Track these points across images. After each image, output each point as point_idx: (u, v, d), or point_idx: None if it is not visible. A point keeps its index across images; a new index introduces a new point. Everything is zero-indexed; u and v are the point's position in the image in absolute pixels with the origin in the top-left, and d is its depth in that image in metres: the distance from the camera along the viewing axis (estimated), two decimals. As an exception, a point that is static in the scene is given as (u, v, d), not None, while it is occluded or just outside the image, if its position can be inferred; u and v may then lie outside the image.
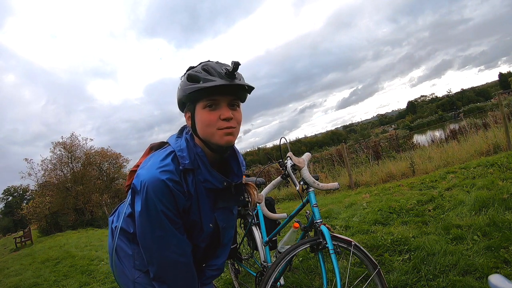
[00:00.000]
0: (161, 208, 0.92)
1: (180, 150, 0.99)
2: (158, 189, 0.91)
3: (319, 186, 1.43)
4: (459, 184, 3.69)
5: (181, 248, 0.99)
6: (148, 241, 0.96)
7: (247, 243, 2.23)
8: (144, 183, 0.92)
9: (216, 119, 0.95)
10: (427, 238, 2.36)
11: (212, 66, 0.96)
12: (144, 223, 0.94)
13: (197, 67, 0.99)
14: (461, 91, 68.32)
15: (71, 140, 20.01)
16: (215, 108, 0.95)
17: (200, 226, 1.05)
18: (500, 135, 6.00)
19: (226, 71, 0.93)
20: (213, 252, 1.17)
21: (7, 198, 46.58)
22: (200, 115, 0.96)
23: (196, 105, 0.97)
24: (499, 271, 1.70)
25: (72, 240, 9.47)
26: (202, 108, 0.95)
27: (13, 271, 6.13)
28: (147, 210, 0.92)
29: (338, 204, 4.66)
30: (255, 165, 20.10)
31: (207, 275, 1.17)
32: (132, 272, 1.06)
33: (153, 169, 0.94)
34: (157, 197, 0.91)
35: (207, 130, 0.96)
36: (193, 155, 0.99)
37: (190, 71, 0.99)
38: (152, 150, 1.14)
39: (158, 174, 0.92)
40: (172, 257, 0.97)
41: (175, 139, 1.05)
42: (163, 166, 0.95)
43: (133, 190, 0.99)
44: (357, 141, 25.96)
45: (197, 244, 1.08)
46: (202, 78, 0.93)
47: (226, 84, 0.91)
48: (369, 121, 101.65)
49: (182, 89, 0.98)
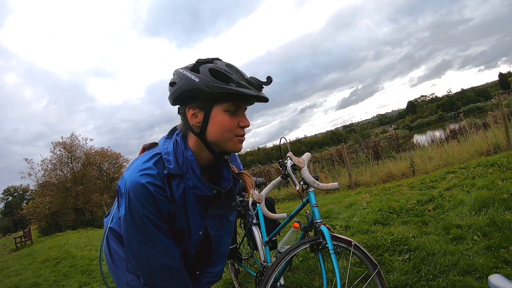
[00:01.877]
0: (144, 213, 0.88)
1: (167, 153, 0.94)
2: (139, 193, 0.87)
3: (319, 186, 1.43)
4: (459, 184, 3.69)
5: (168, 253, 0.95)
6: (135, 245, 0.93)
7: (247, 243, 2.23)
8: (126, 186, 0.89)
9: (236, 125, 0.92)
10: (427, 238, 2.36)
11: (237, 69, 0.92)
12: (129, 227, 0.91)
13: (220, 64, 0.91)
14: (461, 91, 68.34)
15: (71, 140, 20.06)
16: (235, 114, 0.92)
17: (188, 233, 1.00)
18: (500, 135, 6.00)
19: (258, 82, 0.91)
20: (207, 259, 1.13)
21: (7, 198, 46.61)
22: (219, 117, 0.90)
23: (215, 106, 0.89)
24: (499, 271, 1.70)
25: (72, 240, 9.47)
26: (223, 111, 0.90)
27: (13, 271, 6.13)
28: (131, 214, 0.89)
29: (338, 204, 4.66)
30: (255, 165, 20.11)
31: (204, 282, 1.14)
32: (125, 274, 1.04)
33: (135, 172, 0.90)
34: (139, 202, 0.87)
35: (224, 135, 0.91)
36: (182, 159, 0.93)
37: (213, 66, 0.89)
38: (144, 151, 1.10)
39: (139, 177, 0.88)
40: (160, 261, 0.94)
41: (163, 140, 1.00)
42: (144, 169, 0.90)
43: (118, 192, 0.96)
44: (357, 141, 25.97)
45: (187, 250, 1.04)
46: (235, 81, 0.88)
47: (258, 96, 0.90)
48: (369, 121, 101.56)
49: (203, 83, 0.87)
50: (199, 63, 0.91)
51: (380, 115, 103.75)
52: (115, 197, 1.06)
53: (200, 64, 0.91)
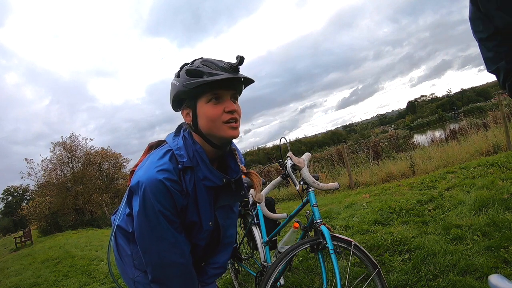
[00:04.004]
0: (159, 208, 0.91)
1: (178, 149, 0.98)
2: (156, 189, 0.90)
3: (319, 186, 1.43)
4: (459, 184, 3.69)
5: (179, 248, 0.98)
6: (147, 241, 0.95)
7: (247, 243, 2.23)
8: (142, 183, 0.91)
9: (221, 112, 0.94)
10: (427, 238, 2.36)
11: (212, 61, 0.95)
12: (142, 224, 0.93)
13: (196, 62, 0.97)
14: (461, 91, 68.25)
15: (71, 140, 20.05)
16: (219, 102, 0.95)
17: (199, 224, 1.04)
18: (500, 135, 6.01)
19: (230, 65, 0.92)
20: (213, 250, 1.16)
21: (7, 198, 46.58)
22: (204, 109, 0.95)
23: (198, 100, 0.96)
24: (499, 271, 1.70)
25: (72, 240, 9.47)
26: (206, 103, 0.95)
27: (13, 271, 6.14)
28: (145, 211, 0.91)
29: (338, 204, 4.66)
30: (255, 165, 20.10)
31: (209, 274, 1.16)
32: (132, 271, 1.07)
33: (150, 169, 0.93)
34: (155, 197, 0.90)
35: (213, 125, 0.95)
36: (192, 152, 0.98)
37: (188, 67, 0.97)
38: (151, 149, 1.13)
39: (156, 173, 0.91)
40: (171, 258, 0.97)
41: (172, 137, 1.04)
42: (160, 165, 0.93)
43: (130, 190, 0.98)
44: (357, 141, 25.97)
45: (197, 242, 1.07)
46: (206, 73, 0.92)
47: (233, 77, 0.91)
48: (369, 121, 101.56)
49: (181, 85, 0.95)
50: (181, 68, 1.00)
51: (380, 115, 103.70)
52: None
53: (181, 68, 1.00)
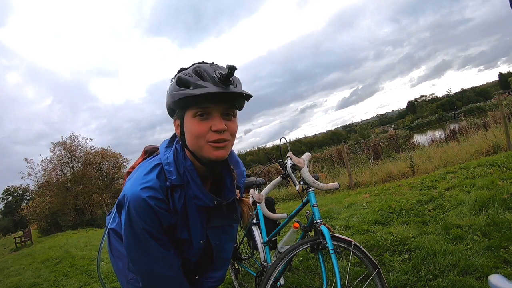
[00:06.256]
0: (143, 226, 0.86)
1: (168, 164, 0.91)
2: (139, 208, 0.85)
3: (319, 186, 1.43)
4: (459, 184, 3.69)
5: (167, 264, 0.94)
6: (134, 253, 0.92)
7: (247, 243, 2.23)
8: (127, 198, 0.87)
9: (206, 130, 0.84)
10: (427, 238, 2.36)
11: (204, 69, 0.85)
12: (129, 237, 0.90)
13: (188, 70, 0.88)
14: (461, 91, 68.24)
15: (71, 140, 20.09)
16: (207, 118, 0.85)
17: (189, 242, 0.99)
18: (500, 135, 6.01)
19: (220, 76, 0.82)
20: (207, 265, 1.11)
21: (7, 198, 46.56)
22: (189, 124, 0.86)
23: (186, 112, 0.86)
24: (499, 271, 1.70)
25: (72, 240, 9.46)
26: (192, 117, 0.85)
27: (13, 271, 6.14)
28: (131, 226, 0.88)
29: (338, 204, 4.66)
30: (255, 165, 20.10)
31: (206, 286, 1.12)
32: (126, 272, 1.05)
33: (135, 185, 0.87)
34: (139, 216, 0.85)
35: (196, 142, 0.86)
36: (183, 169, 0.91)
37: (180, 74, 0.87)
38: (146, 154, 1.10)
39: (139, 191, 0.85)
40: (159, 270, 0.93)
41: (164, 148, 0.98)
42: (145, 182, 0.87)
43: (119, 202, 0.94)
44: (357, 141, 25.93)
45: (188, 257, 1.02)
46: (192, 83, 0.83)
47: (219, 92, 0.80)
48: (369, 121, 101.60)
49: (170, 94, 0.87)
50: (177, 73, 0.91)
51: (380, 115, 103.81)
52: (115, 197, 1.06)
53: (177, 73, 0.91)
